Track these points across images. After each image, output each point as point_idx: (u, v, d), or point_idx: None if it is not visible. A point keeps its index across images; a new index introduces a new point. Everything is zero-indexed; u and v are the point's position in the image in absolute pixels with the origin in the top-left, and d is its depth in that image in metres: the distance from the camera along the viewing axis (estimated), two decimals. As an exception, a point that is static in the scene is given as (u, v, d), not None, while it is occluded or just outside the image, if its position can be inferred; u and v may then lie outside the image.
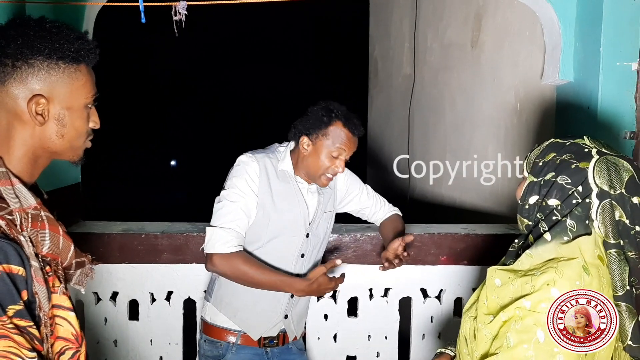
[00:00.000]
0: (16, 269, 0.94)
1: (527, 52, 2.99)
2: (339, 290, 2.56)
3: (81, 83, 1.08)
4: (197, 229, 2.49)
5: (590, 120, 2.29)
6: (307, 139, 1.88)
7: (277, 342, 2.00)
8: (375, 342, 2.58)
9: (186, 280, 2.49)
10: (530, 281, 1.23)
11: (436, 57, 4.47)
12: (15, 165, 1.05)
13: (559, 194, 1.27)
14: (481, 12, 3.67)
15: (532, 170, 1.35)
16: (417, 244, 2.50)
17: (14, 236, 0.97)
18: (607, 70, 2.23)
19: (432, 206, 4.42)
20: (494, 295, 1.31)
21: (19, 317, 0.93)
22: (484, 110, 3.61)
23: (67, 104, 1.07)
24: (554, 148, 1.33)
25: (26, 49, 1.01)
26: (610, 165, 1.24)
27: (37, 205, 1.04)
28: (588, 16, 2.33)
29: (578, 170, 1.25)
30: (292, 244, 1.93)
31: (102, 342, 2.49)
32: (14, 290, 0.93)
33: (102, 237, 2.42)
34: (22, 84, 1.02)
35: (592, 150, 1.27)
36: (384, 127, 5.97)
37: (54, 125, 1.06)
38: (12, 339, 0.90)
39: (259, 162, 1.88)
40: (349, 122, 1.86)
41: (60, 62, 1.04)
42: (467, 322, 1.40)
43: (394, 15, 5.57)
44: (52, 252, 1.05)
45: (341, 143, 1.85)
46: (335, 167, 1.87)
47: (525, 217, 1.37)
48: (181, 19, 1.72)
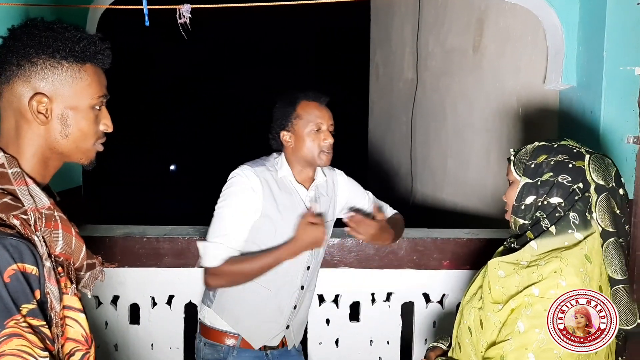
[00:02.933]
0: (30, 268, 0.94)
1: (530, 57, 2.99)
2: (341, 295, 2.55)
3: (86, 83, 1.08)
4: (199, 233, 2.48)
5: (593, 124, 2.29)
6: (285, 132, 1.90)
7: (277, 345, 1.99)
8: (377, 347, 2.57)
9: (187, 284, 2.47)
10: (536, 270, 1.30)
11: (438, 62, 4.47)
12: (27, 166, 1.06)
13: (560, 191, 1.36)
14: (483, 17, 3.67)
15: (525, 172, 1.41)
16: (419, 248, 2.49)
17: (28, 235, 0.97)
18: (611, 75, 2.23)
19: (434, 211, 4.42)
20: (498, 285, 1.36)
21: (32, 316, 0.93)
22: (486, 116, 3.61)
23: (71, 103, 1.07)
24: (544, 150, 1.40)
25: (30, 47, 1.02)
26: (602, 162, 1.35)
27: (50, 206, 1.04)
28: (591, 21, 2.33)
29: (576, 169, 1.35)
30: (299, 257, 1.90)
31: (103, 346, 2.48)
32: (28, 290, 0.93)
33: (103, 241, 2.42)
34: (26, 82, 1.03)
35: (580, 150, 1.38)
36: (385, 132, 5.97)
37: (57, 125, 1.06)
38: (25, 337, 0.90)
39: (258, 176, 1.85)
40: (309, 95, 1.89)
41: (64, 61, 1.04)
42: (471, 313, 1.44)
43: (395, 21, 5.58)
44: (65, 252, 1.05)
45: (315, 115, 1.87)
46: (324, 140, 1.87)
47: (521, 217, 1.42)
48: (186, 22, 1.72)
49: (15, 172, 1.02)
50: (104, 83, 1.13)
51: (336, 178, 2.09)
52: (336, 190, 2.07)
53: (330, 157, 1.91)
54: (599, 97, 2.25)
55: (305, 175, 1.95)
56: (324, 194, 2.00)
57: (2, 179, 1.00)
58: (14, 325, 0.90)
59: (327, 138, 1.87)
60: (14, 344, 0.89)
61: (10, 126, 1.06)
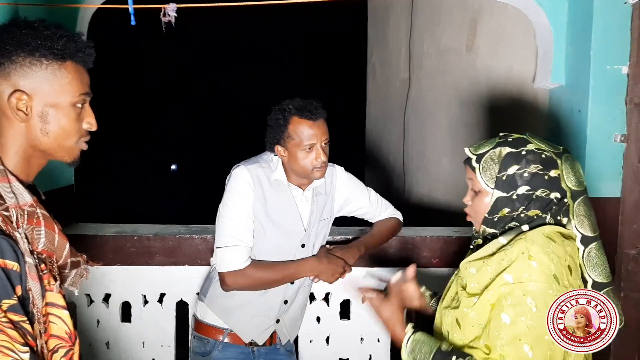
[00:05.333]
0: (11, 264, 0.95)
1: (521, 56, 3.00)
2: (332, 292, 2.56)
3: (67, 81, 1.08)
4: (190, 231, 2.50)
5: (581, 123, 2.30)
6: (279, 147, 1.87)
7: (266, 341, 2.00)
8: (367, 345, 2.58)
9: (179, 282, 2.49)
10: (505, 257, 1.29)
11: (432, 61, 4.48)
12: (10, 164, 1.07)
13: (538, 204, 1.34)
14: (476, 17, 3.68)
15: (497, 186, 1.35)
16: (409, 246, 2.50)
17: (9, 232, 0.98)
18: (598, 73, 2.24)
19: (428, 210, 4.43)
20: (473, 283, 1.35)
21: (13, 311, 0.94)
22: (479, 115, 3.62)
23: (51, 101, 1.07)
24: (513, 159, 1.34)
25: (10, 45, 1.03)
26: (572, 165, 1.34)
27: (33, 203, 1.05)
28: (579, 20, 2.34)
29: (551, 180, 1.33)
30: (288, 254, 1.93)
31: (94, 344, 2.50)
32: (8, 285, 0.94)
33: (94, 239, 2.43)
34: (6, 80, 1.04)
35: (548, 154, 1.34)
36: (382, 131, 5.98)
37: (37, 123, 1.07)
38: (5, 333, 0.91)
39: (251, 173, 1.86)
40: (303, 111, 1.82)
41: (43, 58, 1.05)
42: (448, 316, 1.41)
43: (391, 21, 5.59)
44: (48, 249, 1.06)
45: (307, 135, 1.81)
46: (317, 159, 1.83)
47: (491, 227, 1.39)
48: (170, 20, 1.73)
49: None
50: (86, 81, 1.12)
51: (335, 175, 2.07)
52: (335, 188, 2.07)
53: (324, 171, 1.89)
54: (586, 95, 2.26)
55: (301, 180, 1.95)
56: (321, 193, 2.01)
57: None
58: None
59: (319, 156, 1.83)
60: None
61: None
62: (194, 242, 2.45)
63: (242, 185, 1.85)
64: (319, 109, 1.85)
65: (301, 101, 1.86)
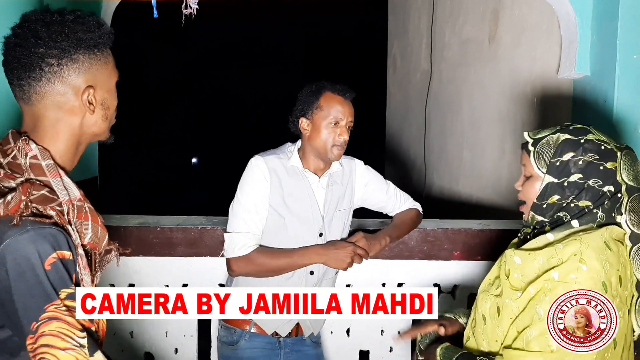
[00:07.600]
0: (67, 254, 1.00)
1: (544, 46, 2.96)
2: (352, 284, 2.57)
3: (112, 65, 1.16)
4: (212, 223, 2.52)
5: (606, 113, 2.27)
6: (304, 119, 1.92)
7: (290, 332, 2.01)
8: (388, 337, 2.58)
9: (200, 273, 2.51)
10: (555, 255, 1.26)
11: (454, 52, 4.44)
12: (58, 156, 1.10)
13: (589, 194, 1.30)
14: (498, 8, 3.64)
15: (550, 170, 1.33)
16: (430, 239, 2.49)
17: (63, 225, 1.02)
18: (624, 63, 2.20)
19: (449, 202, 4.40)
20: (516, 273, 1.33)
21: (71, 299, 0.99)
22: (501, 106, 3.58)
23: (106, 87, 1.14)
24: (570, 147, 1.31)
25: (67, 45, 1.06)
26: (632, 160, 1.30)
27: (81, 197, 1.09)
28: (604, 10, 2.30)
29: (607, 171, 1.29)
30: (306, 244, 1.94)
31: (119, 333, 2.54)
32: (66, 275, 0.99)
33: (118, 230, 2.46)
34: (70, 79, 1.07)
35: (610, 146, 1.30)
36: (402, 123, 5.95)
37: (100, 110, 1.13)
38: (64, 320, 0.96)
39: (267, 164, 1.89)
40: (336, 87, 1.90)
41: (96, 50, 1.10)
42: (487, 301, 1.41)
43: (412, 12, 5.55)
44: (93, 241, 1.10)
45: (336, 109, 1.87)
46: (340, 136, 1.88)
47: (540, 214, 1.37)
48: (192, 12, 1.75)
49: (49, 164, 1.06)
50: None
51: (355, 168, 2.09)
52: (354, 180, 2.08)
53: (342, 152, 1.92)
54: (612, 85, 2.22)
55: (317, 165, 1.97)
56: (338, 182, 2.01)
57: (37, 170, 1.05)
58: (54, 310, 0.96)
59: (343, 134, 1.88)
60: (53, 326, 0.95)
61: (48, 122, 1.09)
62: (215, 234, 2.47)
63: (257, 175, 1.88)
64: (351, 90, 1.92)
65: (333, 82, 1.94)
